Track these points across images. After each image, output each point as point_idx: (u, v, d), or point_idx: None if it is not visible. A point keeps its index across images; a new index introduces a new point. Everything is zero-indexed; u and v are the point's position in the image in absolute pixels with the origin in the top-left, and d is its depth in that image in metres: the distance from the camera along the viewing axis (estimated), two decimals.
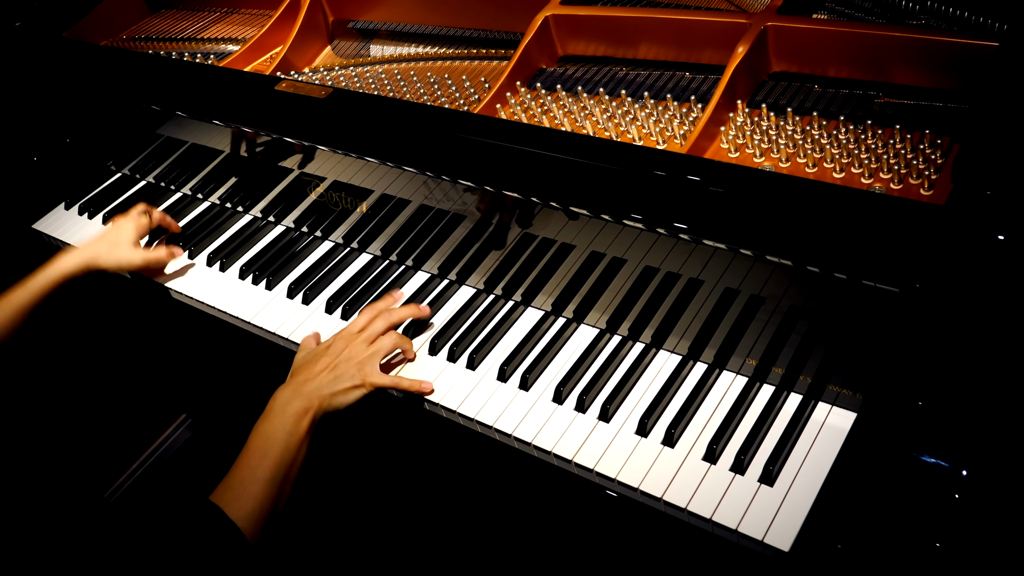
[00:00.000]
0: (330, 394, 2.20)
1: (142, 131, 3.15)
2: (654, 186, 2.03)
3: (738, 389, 2.13)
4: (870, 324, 1.82)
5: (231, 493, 1.98)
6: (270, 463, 2.05)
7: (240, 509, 1.95)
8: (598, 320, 2.34)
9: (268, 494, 2.01)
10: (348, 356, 2.27)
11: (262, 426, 2.13)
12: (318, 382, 2.22)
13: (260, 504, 1.98)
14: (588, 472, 2.04)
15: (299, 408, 2.15)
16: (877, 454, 1.74)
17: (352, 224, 2.73)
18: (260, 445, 2.08)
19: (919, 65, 2.18)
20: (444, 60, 2.98)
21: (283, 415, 2.14)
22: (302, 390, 2.19)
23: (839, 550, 1.68)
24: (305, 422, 2.14)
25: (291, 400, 2.17)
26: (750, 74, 2.37)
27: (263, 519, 1.99)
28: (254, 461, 2.05)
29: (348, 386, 2.22)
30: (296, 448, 2.11)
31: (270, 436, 2.10)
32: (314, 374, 2.24)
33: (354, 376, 2.23)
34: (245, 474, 2.03)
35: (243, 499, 1.97)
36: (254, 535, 1.95)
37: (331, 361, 2.26)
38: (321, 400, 2.19)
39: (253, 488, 2.00)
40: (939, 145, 2.05)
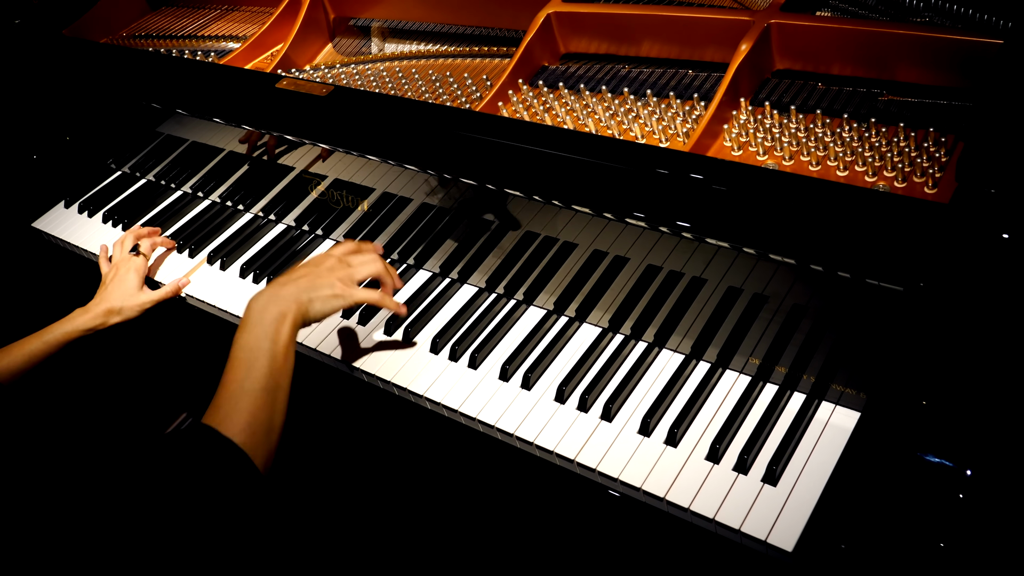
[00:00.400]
0: (308, 299, 2.13)
1: (142, 129, 3.15)
2: (657, 184, 2.03)
3: (741, 388, 2.13)
4: (874, 323, 1.82)
5: (222, 410, 1.91)
6: (258, 373, 1.97)
7: (233, 424, 1.88)
8: (600, 319, 2.34)
9: (263, 405, 1.93)
10: (329, 267, 2.21)
11: (241, 337, 2.05)
12: (296, 286, 2.14)
13: (255, 417, 1.91)
14: (590, 472, 2.04)
15: (276, 313, 2.07)
16: (881, 454, 1.74)
17: (353, 223, 2.73)
18: (243, 357, 2.01)
19: (923, 63, 2.18)
20: (446, 57, 2.99)
21: (261, 323, 2.06)
22: (279, 293, 2.11)
23: (843, 550, 1.68)
24: (286, 327, 2.06)
25: (267, 306, 2.09)
26: (753, 72, 2.37)
27: (263, 432, 1.90)
28: (240, 374, 1.98)
29: (328, 293, 2.17)
30: (282, 356, 2.03)
31: (252, 346, 2.03)
32: (292, 279, 2.16)
33: (334, 285, 2.18)
34: (233, 388, 1.96)
35: (235, 413, 1.90)
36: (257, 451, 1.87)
37: (310, 270, 2.20)
38: (299, 304, 2.11)
39: (244, 401, 1.92)
40: (943, 143, 2.05)
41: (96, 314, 2.68)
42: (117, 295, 2.72)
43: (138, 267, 2.79)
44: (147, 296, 2.76)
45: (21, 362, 2.55)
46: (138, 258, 2.81)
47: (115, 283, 2.76)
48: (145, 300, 2.75)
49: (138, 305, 2.74)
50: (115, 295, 2.72)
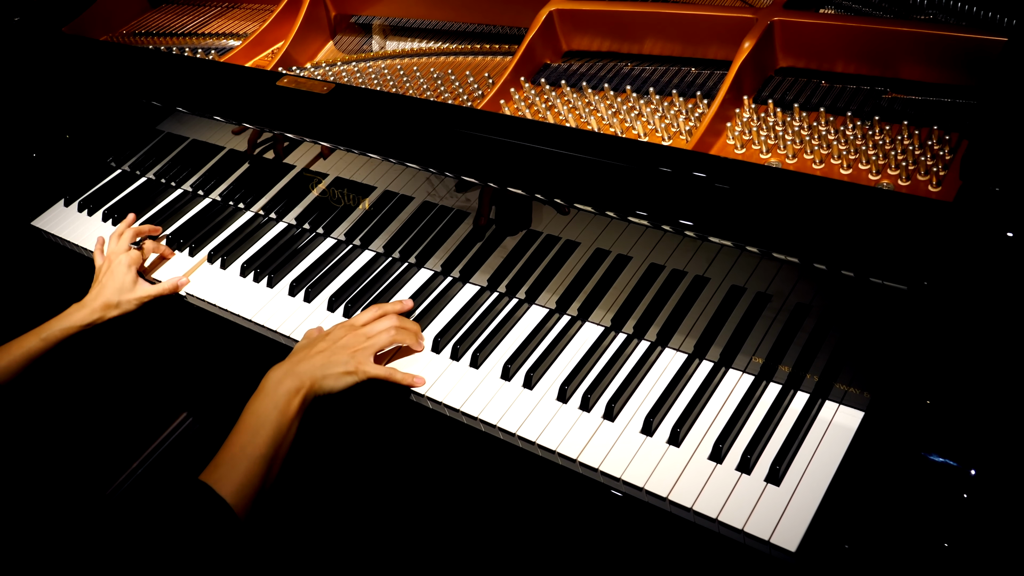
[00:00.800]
0: (322, 376, 2.23)
1: (142, 127, 3.15)
2: (659, 183, 2.03)
3: (744, 387, 2.13)
4: (878, 322, 1.82)
5: (221, 470, 2.03)
6: (261, 440, 2.09)
7: (230, 485, 2.00)
8: (603, 318, 2.34)
9: (258, 471, 2.05)
10: (345, 344, 2.29)
11: (253, 404, 2.17)
12: (311, 363, 2.24)
13: (250, 480, 2.03)
14: (593, 472, 2.05)
15: (291, 387, 2.18)
16: (885, 453, 1.74)
17: (354, 221, 2.73)
18: (251, 423, 2.12)
19: (927, 60, 2.18)
20: (447, 55, 2.99)
21: (275, 393, 2.17)
22: (295, 369, 2.22)
23: (846, 550, 1.69)
24: (296, 401, 2.18)
25: (283, 379, 2.20)
26: (756, 69, 2.37)
27: (252, 495, 2.03)
28: (244, 439, 2.09)
29: (341, 371, 2.25)
30: (287, 427, 2.15)
31: (261, 414, 2.14)
32: (309, 356, 2.26)
33: (347, 362, 2.26)
34: (235, 451, 2.07)
35: (233, 475, 2.02)
36: (243, 510, 2.00)
37: (327, 346, 2.29)
38: (313, 380, 2.22)
39: (243, 465, 2.04)
40: (947, 141, 2.05)
41: (93, 308, 2.68)
42: (113, 289, 2.72)
43: (133, 260, 2.79)
44: (145, 290, 2.76)
45: (20, 360, 2.56)
46: (135, 251, 2.81)
47: (109, 276, 2.75)
48: (143, 294, 2.76)
49: (136, 299, 2.74)
50: (111, 289, 2.72)
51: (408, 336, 2.37)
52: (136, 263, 2.79)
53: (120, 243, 2.84)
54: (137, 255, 2.81)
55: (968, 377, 1.70)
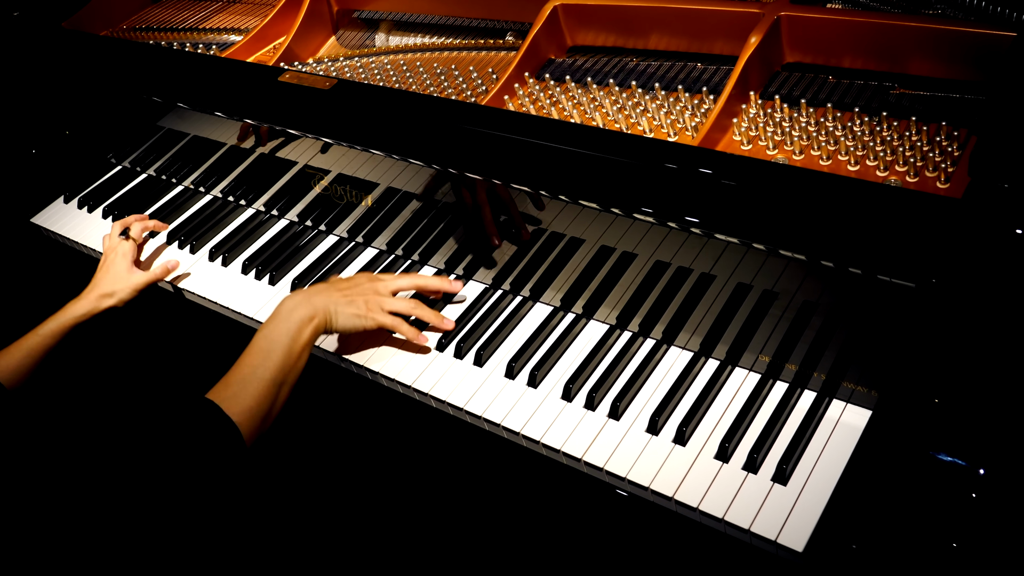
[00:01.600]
0: (335, 312, 2.31)
1: (143, 123, 3.16)
2: (665, 179, 2.03)
3: (751, 386, 2.13)
4: (885, 320, 1.82)
5: (230, 390, 2.09)
6: (271, 364, 2.15)
7: (238, 405, 2.05)
8: (608, 316, 2.34)
9: (266, 394, 2.11)
10: (365, 290, 2.38)
11: (266, 328, 2.24)
12: (328, 296, 2.32)
13: (258, 403, 2.08)
14: (598, 471, 2.05)
15: (304, 315, 2.25)
16: (892, 452, 1.75)
17: (357, 218, 2.73)
18: (263, 346, 2.18)
19: (935, 55, 2.18)
20: (451, 50, 2.99)
21: (288, 320, 2.24)
22: (311, 299, 2.29)
23: (854, 550, 1.69)
24: (308, 330, 2.25)
25: (297, 307, 2.27)
26: (763, 65, 2.37)
27: (260, 420, 2.08)
28: (255, 360, 2.15)
29: (353, 311, 2.33)
30: (298, 354, 2.21)
31: (273, 338, 2.20)
32: (326, 289, 2.35)
33: (362, 306, 2.34)
34: (245, 372, 2.13)
35: (241, 396, 2.07)
36: (250, 433, 2.05)
37: (348, 286, 2.38)
38: (327, 314, 2.30)
39: (252, 387, 2.10)
40: (956, 137, 2.05)
41: (89, 300, 2.71)
42: (108, 279, 2.74)
43: (126, 251, 2.81)
44: (138, 278, 2.77)
45: (20, 359, 2.57)
46: (126, 242, 2.83)
47: (105, 269, 2.78)
48: (136, 281, 2.77)
49: (130, 287, 2.76)
50: (106, 280, 2.74)
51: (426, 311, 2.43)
52: (129, 253, 2.81)
53: (113, 238, 2.85)
54: (131, 245, 2.83)
55: (977, 375, 1.70)
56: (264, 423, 2.10)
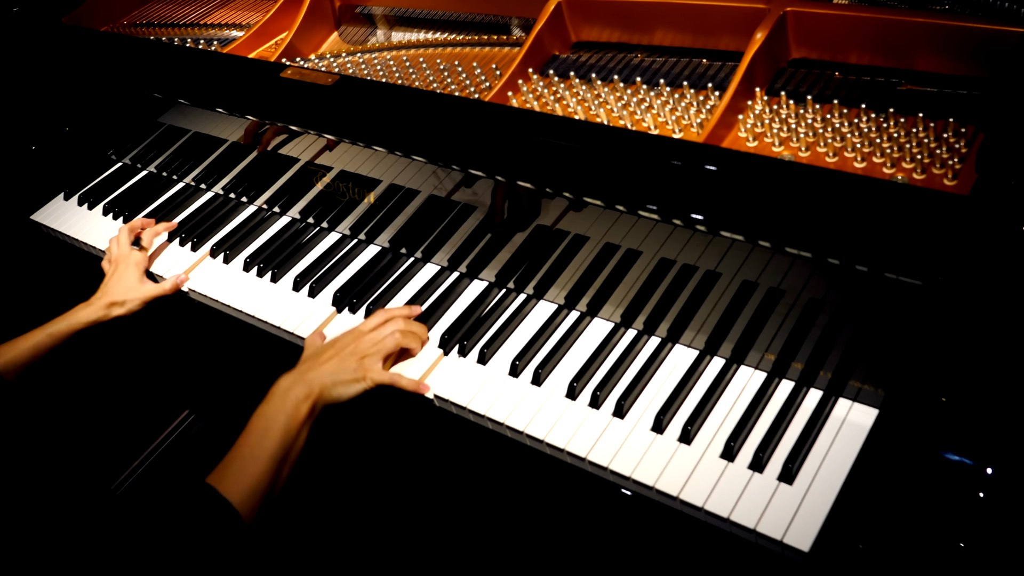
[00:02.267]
0: (331, 383, 2.28)
1: (143, 119, 3.16)
2: (670, 176, 2.03)
3: (756, 385, 2.13)
4: (892, 318, 1.82)
5: (228, 473, 2.07)
6: (269, 444, 2.13)
7: (237, 488, 2.03)
8: (612, 314, 2.35)
9: (266, 475, 2.09)
10: (353, 350, 2.33)
11: (263, 409, 2.21)
12: (320, 371, 2.28)
13: (258, 483, 2.07)
14: (602, 470, 2.05)
15: (300, 394, 2.22)
16: (899, 452, 1.75)
17: (359, 215, 2.73)
18: (260, 426, 2.16)
19: (943, 51, 2.18)
20: (454, 46, 2.99)
21: (284, 399, 2.21)
22: (305, 377, 2.26)
23: (860, 550, 1.69)
24: (305, 407, 2.22)
25: (293, 386, 2.24)
26: (769, 61, 2.37)
27: (260, 499, 2.07)
28: (253, 441, 2.13)
29: (349, 378, 2.29)
30: (296, 432, 2.19)
31: (270, 418, 2.18)
32: (318, 364, 2.31)
33: (356, 370, 2.30)
34: (244, 453, 2.11)
35: (241, 478, 2.05)
36: (250, 514, 2.03)
37: (335, 353, 2.33)
38: (323, 388, 2.26)
39: (251, 467, 2.08)
40: (963, 134, 2.05)
41: (98, 307, 2.72)
42: (118, 289, 2.76)
43: (137, 261, 2.82)
44: (148, 290, 2.78)
45: (26, 355, 2.60)
46: (137, 252, 2.84)
47: (115, 278, 2.79)
48: (146, 294, 2.78)
49: (139, 299, 2.77)
50: (116, 289, 2.75)
51: (413, 340, 2.40)
52: (141, 264, 2.83)
53: (122, 245, 2.86)
54: (142, 256, 2.84)
55: (984, 374, 1.70)
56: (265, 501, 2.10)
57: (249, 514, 2.03)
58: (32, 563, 1.85)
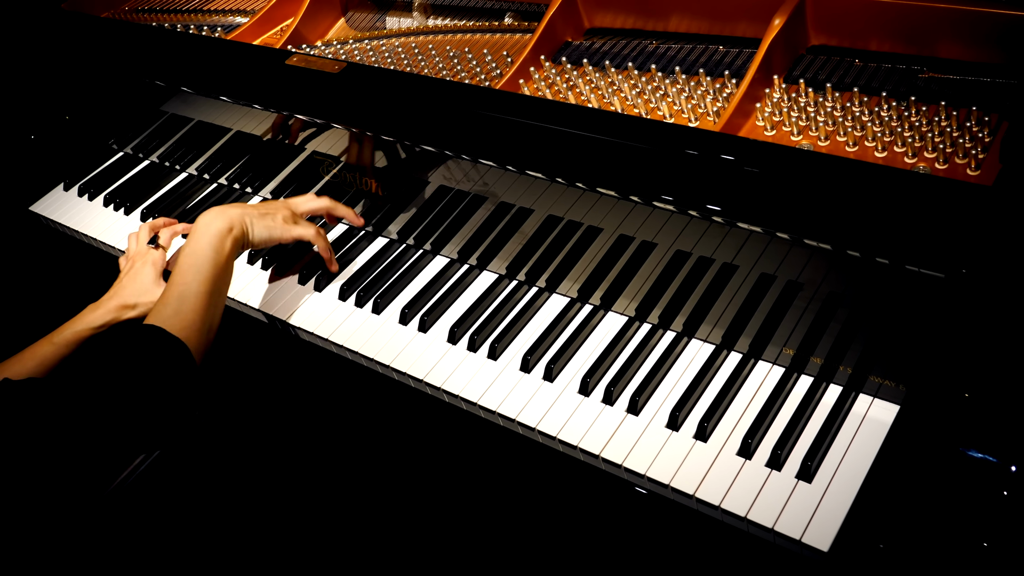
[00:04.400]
0: (250, 222, 2.47)
1: (145, 108, 3.16)
2: (686, 166, 2.03)
3: (774, 380, 2.13)
4: (914, 312, 1.82)
5: (169, 308, 2.21)
6: (203, 277, 2.28)
7: (180, 323, 2.17)
8: (627, 307, 2.35)
9: (205, 307, 2.25)
10: (279, 207, 2.57)
11: (188, 246, 2.36)
12: (242, 209, 2.47)
13: (199, 317, 2.22)
14: (616, 468, 2.05)
15: (222, 226, 2.39)
16: (921, 449, 1.75)
17: (367, 207, 2.74)
18: (191, 263, 2.31)
19: (966, 38, 2.18)
20: (464, 33, 2.99)
21: (207, 233, 2.37)
22: (226, 211, 2.43)
23: (881, 550, 1.69)
24: (229, 241, 2.39)
25: (214, 220, 2.39)
26: (787, 48, 2.37)
27: (204, 332, 2.22)
28: (187, 277, 2.28)
29: (269, 223, 2.50)
30: (223, 265, 2.36)
31: (198, 253, 2.33)
32: (242, 204, 2.51)
33: (278, 219, 2.52)
34: (181, 290, 2.25)
35: (182, 313, 2.20)
36: (197, 347, 2.17)
37: (261, 204, 2.56)
38: (242, 224, 2.44)
39: (189, 302, 2.23)
40: (987, 123, 2.05)
41: (108, 309, 2.66)
42: (132, 289, 2.70)
43: (155, 260, 2.77)
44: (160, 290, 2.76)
45: (32, 368, 2.55)
46: (156, 251, 2.81)
47: (130, 277, 2.74)
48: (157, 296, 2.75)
49: (153, 301, 2.72)
50: (129, 289, 2.70)
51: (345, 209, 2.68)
52: (159, 263, 2.77)
53: (140, 243, 2.83)
54: (160, 255, 2.80)
55: (1008, 369, 1.70)
56: (208, 336, 2.24)
57: (196, 348, 2.16)
58: None
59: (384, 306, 2.54)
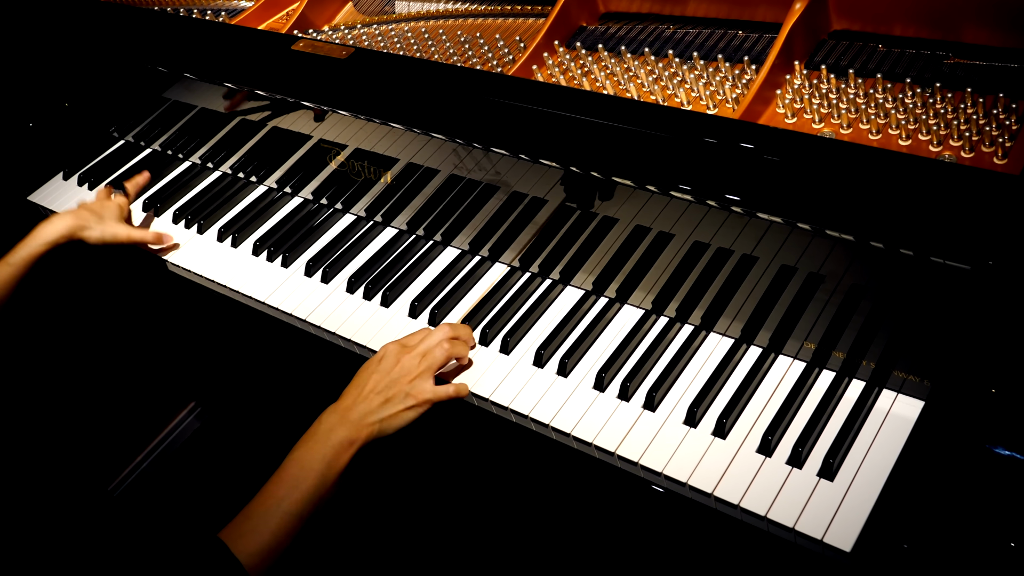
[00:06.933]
0: (379, 420, 2.15)
1: (147, 94, 3.17)
2: (704, 154, 2.04)
3: (795, 375, 2.13)
4: (939, 305, 1.82)
5: (249, 524, 1.96)
6: (299, 495, 2.01)
7: (253, 543, 1.94)
8: (643, 300, 2.35)
9: (289, 530, 1.98)
10: (400, 374, 2.21)
11: (299, 452, 2.09)
12: (367, 406, 2.16)
13: (277, 540, 1.96)
14: (632, 465, 2.06)
15: (344, 438, 2.10)
16: (946, 446, 1.75)
17: (376, 196, 2.74)
18: (294, 474, 2.04)
19: (992, 23, 2.18)
20: (475, 17, 2.99)
21: (325, 443, 2.09)
22: (349, 416, 2.14)
23: (905, 550, 1.69)
24: (347, 455, 2.09)
25: (336, 427, 2.12)
26: (808, 33, 2.37)
27: (277, 554, 1.96)
28: (282, 492, 2.01)
29: (400, 408, 2.17)
30: (332, 481, 2.07)
31: (306, 465, 2.05)
32: (363, 396, 2.18)
33: (406, 397, 2.18)
34: (270, 504, 1.99)
35: (260, 532, 1.95)
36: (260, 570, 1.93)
37: (381, 379, 2.20)
38: (371, 428, 2.13)
39: (274, 522, 1.97)
40: (1014, 110, 2.05)
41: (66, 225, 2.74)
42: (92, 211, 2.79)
43: (120, 203, 2.88)
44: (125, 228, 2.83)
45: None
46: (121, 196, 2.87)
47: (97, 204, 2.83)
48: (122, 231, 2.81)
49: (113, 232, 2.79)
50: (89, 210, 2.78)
51: (462, 347, 2.30)
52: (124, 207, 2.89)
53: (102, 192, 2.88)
54: (125, 200, 2.91)
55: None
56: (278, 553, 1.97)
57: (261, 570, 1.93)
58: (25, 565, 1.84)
59: (393, 299, 2.54)
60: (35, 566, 1.91)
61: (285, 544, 1.97)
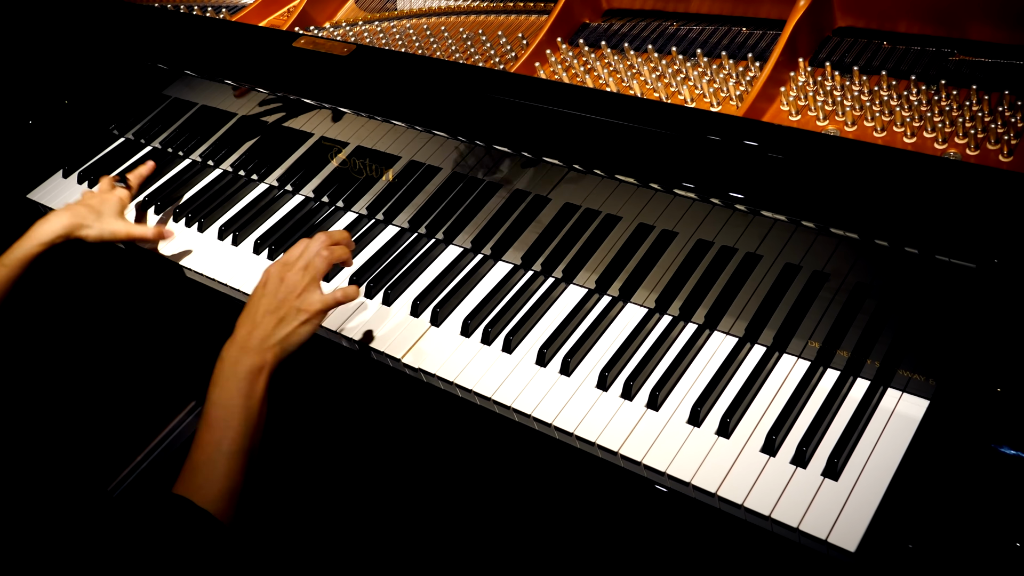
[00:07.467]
0: (278, 341, 2.18)
1: (147, 92, 3.17)
2: (708, 152, 2.04)
3: (799, 374, 2.13)
4: (944, 303, 1.82)
5: (200, 475, 1.99)
6: (233, 434, 2.04)
7: (212, 492, 1.96)
8: (646, 299, 2.35)
9: (237, 467, 2.02)
10: (286, 292, 2.24)
11: (215, 393, 2.10)
12: (263, 331, 2.19)
13: (231, 480, 2.00)
14: (635, 465, 2.06)
15: (251, 366, 2.12)
16: (952, 445, 1.75)
17: (377, 194, 2.74)
18: (219, 416, 2.06)
19: (998, 19, 2.18)
20: (478, 14, 2.99)
21: (236, 377, 2.11)
22: (249, 344, 2.16)
23: (910, 550, 1.69)
24: (262, 381, 2.12)
25: (240, 358, 2.14)
26: (813, 29, 2.37)
27: (235, 493, 2.00)
28: (217, 436, 2.03)
29: (296, 325, 2.21)
30: (257, 412, 2.10)
31: (227, 404, 2.08)
32: (257, 323, 2.21)
33: (298, 313, 2.22)
34: (210, 451, 2.02)
35: (212, 480, 1.98)
36: (228, 511, 1.98)
37: (270, 302, 2.23)
38: (274, 351, 2.17)
39: (221, 465, 2.00)
40: (1020, 107, 2.05)
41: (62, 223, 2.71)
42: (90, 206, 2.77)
43: (121, 196, 2.85)
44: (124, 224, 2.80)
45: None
46: (123, 190, 2.84)
47: (96, 200, 2.80)
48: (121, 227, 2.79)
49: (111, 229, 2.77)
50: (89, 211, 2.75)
51: (342, 251, 2.34)
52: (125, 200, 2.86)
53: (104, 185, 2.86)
54: (127, 195, 2.88)
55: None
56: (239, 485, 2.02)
57: (228, 512, 1.98)
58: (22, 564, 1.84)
59: (394, 298, 2.54)
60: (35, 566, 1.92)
61: (240, 481, 2.01)
